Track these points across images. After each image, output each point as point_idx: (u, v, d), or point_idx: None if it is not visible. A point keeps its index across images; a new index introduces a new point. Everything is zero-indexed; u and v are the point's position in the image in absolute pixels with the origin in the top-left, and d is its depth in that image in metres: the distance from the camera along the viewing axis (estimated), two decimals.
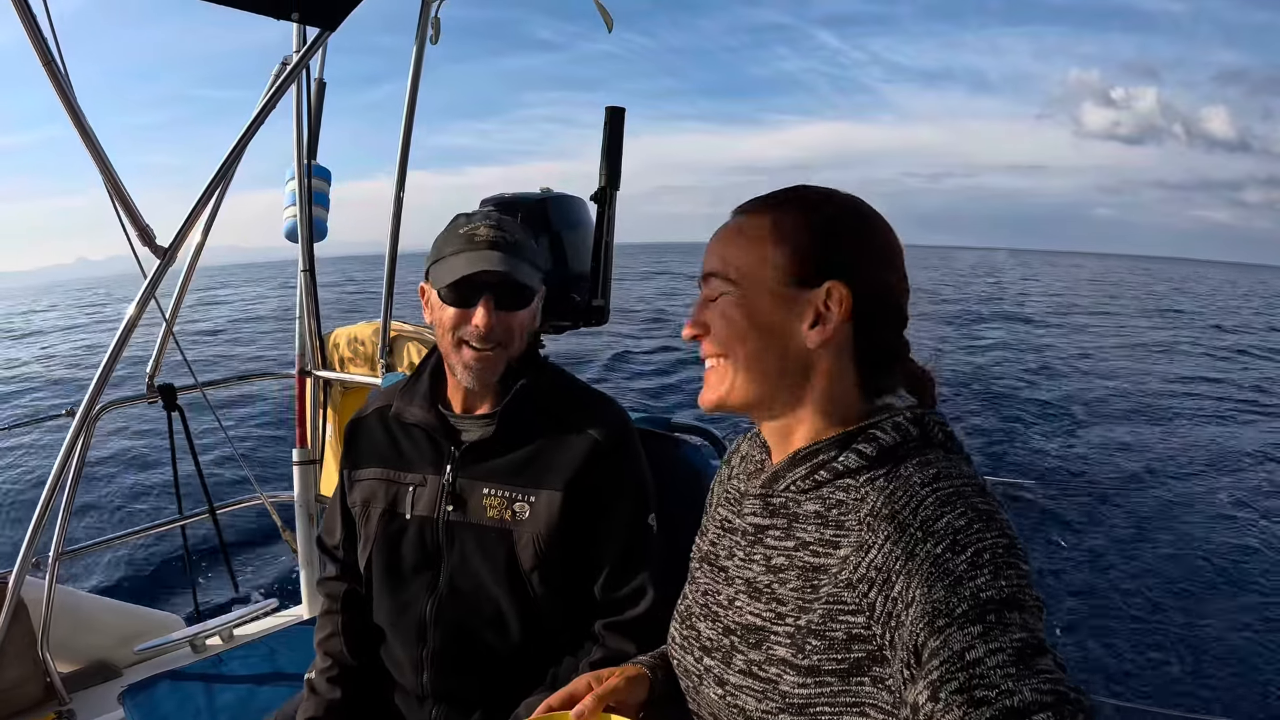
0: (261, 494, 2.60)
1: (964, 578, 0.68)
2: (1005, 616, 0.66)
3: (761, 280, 0.87)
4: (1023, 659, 0.63)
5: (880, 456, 0.82)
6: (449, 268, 1.27)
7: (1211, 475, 8.55)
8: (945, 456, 0.82)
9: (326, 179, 2.59)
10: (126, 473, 8.13)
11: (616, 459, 1.31)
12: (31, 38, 1.51)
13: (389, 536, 1.35)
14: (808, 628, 0.79)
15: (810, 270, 0.86)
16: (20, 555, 1.85)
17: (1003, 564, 0.69)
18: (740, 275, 0.88)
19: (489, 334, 1.26)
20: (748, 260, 0.88)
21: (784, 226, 0.88)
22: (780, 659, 0.81)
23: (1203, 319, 31.14)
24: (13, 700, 1.94)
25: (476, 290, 1.26)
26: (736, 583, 0.91)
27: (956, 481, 0.77)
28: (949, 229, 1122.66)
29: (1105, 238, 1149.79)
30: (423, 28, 2.30)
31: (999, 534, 0.71)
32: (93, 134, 1.66)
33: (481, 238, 1.28)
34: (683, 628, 0.98)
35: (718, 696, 0.87)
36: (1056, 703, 0.60)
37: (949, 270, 68.17)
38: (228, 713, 1.71)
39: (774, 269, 0.87)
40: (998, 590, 0.67)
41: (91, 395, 1.86)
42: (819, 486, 0.86)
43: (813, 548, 0.83)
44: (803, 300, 0.86)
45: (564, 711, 0.92)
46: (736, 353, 0.88)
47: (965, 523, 0.72)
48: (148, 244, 1.81)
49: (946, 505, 0.74)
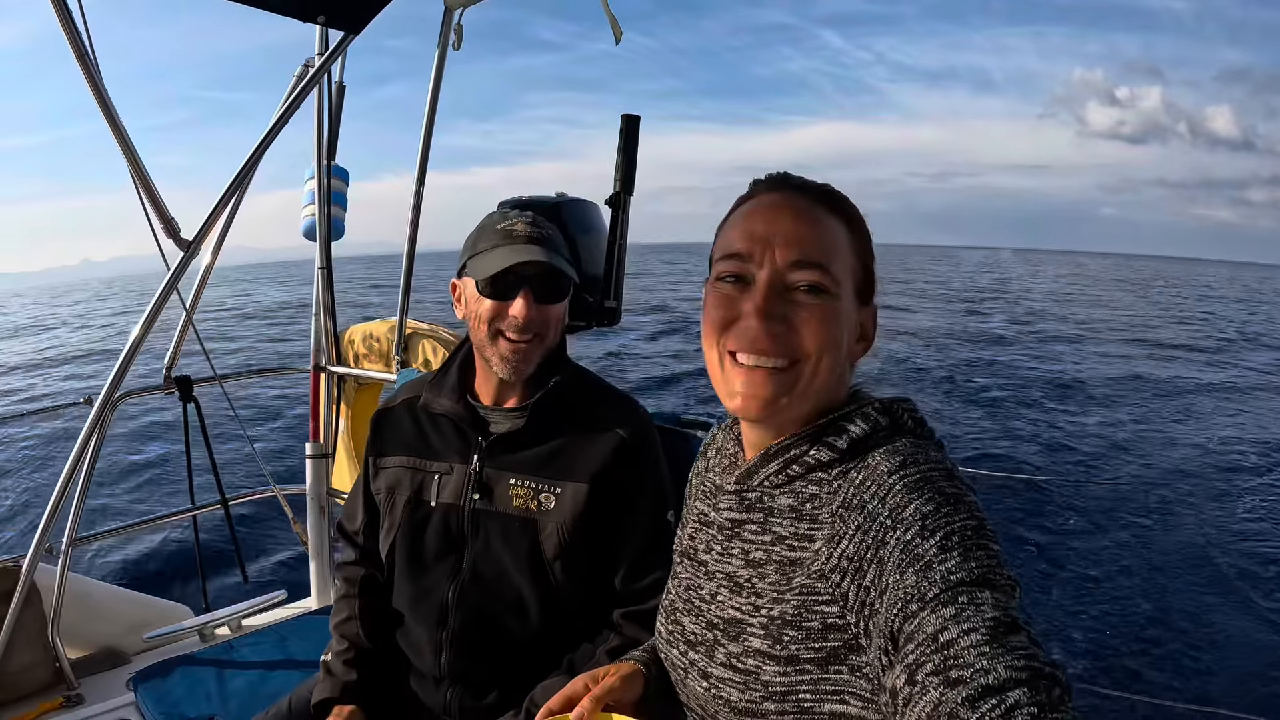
0: (274, 486, 2.63)
1: (934, 561, 0.69)
2: (977, 596, 0.66)
3: (848, 290, 0.86)
4: (996, 637, 0.63)
5: (851, 448, 0.83)
6: (488, 261, 1.30)
7: (1213, 467, 8.57)
8: (914, 443, 0.82)
9: (345, 179, 2.63)
10: (141, 462, 8.21)
11: (640, 457, 1.35)
12: (64, 27, 1.55)
13: (414, 523, 1.38)
14: (782, 618, 0.80)
15: (867, 288, 0.89)
16: (34, 541, 1.88)
17: (972, 545, 0.70)
18: (840, 277, 0.84)
19: (527, 325, 1.30)
20: (839, 262, 0.85)
21: (854, 233, 0.88)
22: (756, 650, 0.82)
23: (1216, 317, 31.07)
24: (22, 684, 1.96)
25: (516, 282, 1.30)
26: (717, 577, 0.92)
27: (924, 467, 0.77)
28: (952, 229, 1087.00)
29: (1109, 237, 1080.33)
30: (445, 34, 2.33)
31: (967, 516, 0.72)
32: (122, 126, 1.69)
33: (519, 232, 1.32)
34: (668, 622, 0.99)
35: (703, 689, 0.88)
36: (1032, 678, 0.61)
37: (954, 269, 68.05)
38: (238, 698, 1.73)
39: (852, 279, 0.86)
40: (968, 571, 0.68)
41: (110, 385, 1.89)
42: (792, 481, 0.87)
43: (788, 542, 0.84)
44: (860, 316, 0.88)
45: (564, 715, 0.93)
46: (819, 364, 0.83)
47: (933, 507, 0.73)
48: (172, 237, 1.85)
49: (914, 491, 0.75)
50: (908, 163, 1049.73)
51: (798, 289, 0.83)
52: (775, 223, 0.85)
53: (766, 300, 0.83)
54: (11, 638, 1.87)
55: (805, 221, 0.85)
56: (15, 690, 1.95)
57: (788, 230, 0.84)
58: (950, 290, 39.24)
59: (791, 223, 0.85)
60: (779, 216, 0.85)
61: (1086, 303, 36.05)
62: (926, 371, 14.35)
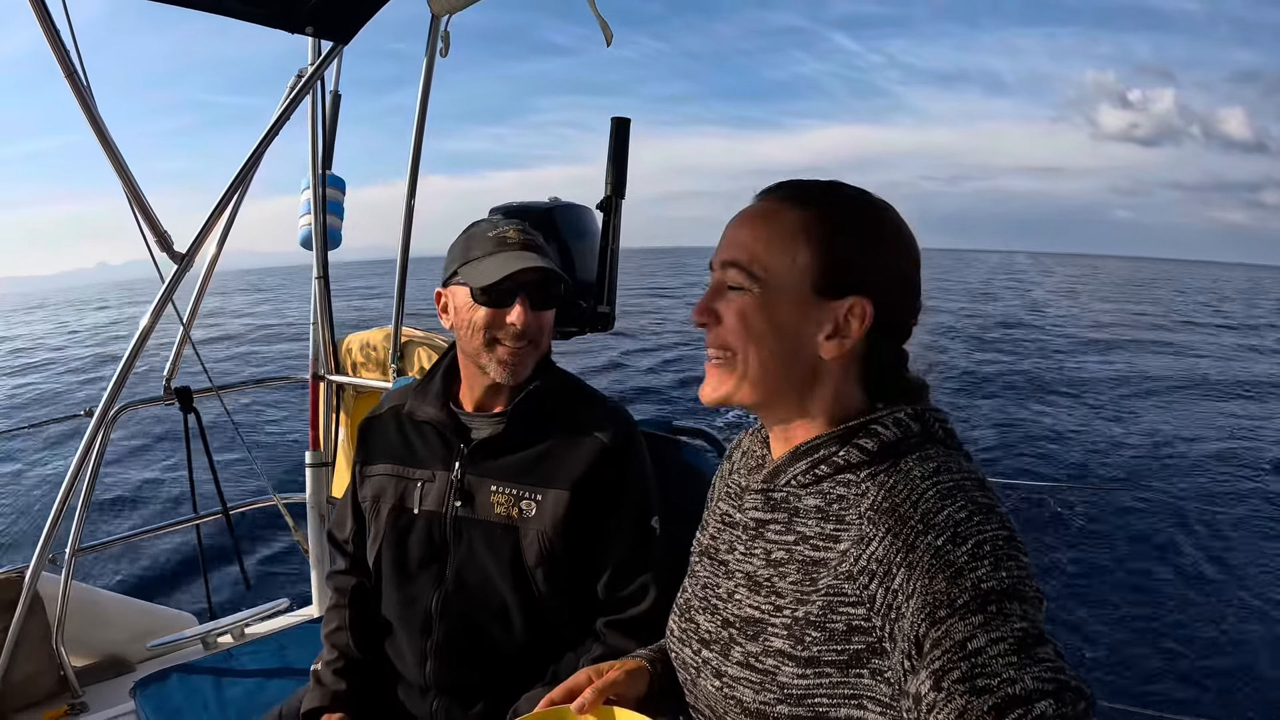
0: (274, 495, 2.64)
1: (965, 569, 0.69)
2: (1006, 607, 0.66)
3: (786, 283, 0.84)
4: (1024, 648, 0.64)
5: (881, 452, 0.82)
6: (484, 268, 1.30)
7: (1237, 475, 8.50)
8: (945, 452, 0.82)
9: (341, 188, 2.64)
10: (142, 473, 8.23)
11: (623, 462, 1.34)
12: (53, 45, 1.56)
13: (398, 531, 1.38)
14: (805, 619, 0.80)
15: (837, 281, 0.83)
16: (37, 551, 1.89)
17: (1003, 555, 0.70)
18: (766, 273, 0.84)
19: (525, 331, 1.30)
20: (775, 257, 0.84)
21: (818, 228, 0.84)
22: (777, 650, 0.81)
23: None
24: (27, 692, 1.98)
25: (513, 289, 1.30)
26: (737, 576, 0.91)
27: (957, 475, 0.77)
28: (967, 232, 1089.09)
29: (1123, 240, 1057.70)
30: (433, 41, 2.34)
31: (999, 526, 0.72)
32: (112, 142, 1.71)
33: (513, 239, 1.32)
34: (681, 620, 0.99)
35: (715, 688, 0.87)
36: (1058, 690, 0.61)
37: (969, 272, 67.77)
38: (236, 706, 1.74)
39: (801, 272, 0.84)
40: (998, 581, 0.68)
41: (109, 396, 1.91)
42: (819, 481, 0.86)
43: (813, 541, 0.83)
44: (824, 310, 0.84)
45: (564, 705, 0.93)
46: (747, 354, 0.86)
47: (965, 515, 0.72)
48: (165, 250, 1.86)
49: (947, 498, 0.74)
50: (922, 166, 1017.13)
51: (729, 288, 0.87)
52: (727, 232, 0.89)
53: (703, 300, 0.89)
54: (16, 646, 1.89)
55: (749, 224, 0.88)
56: (21, 698, 1.97)
57: (730, 235, 0.88)
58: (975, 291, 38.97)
59: (735, 228, 0.88)
60: (732, 225, 0.89)
61: (1104, 304, 35.81)
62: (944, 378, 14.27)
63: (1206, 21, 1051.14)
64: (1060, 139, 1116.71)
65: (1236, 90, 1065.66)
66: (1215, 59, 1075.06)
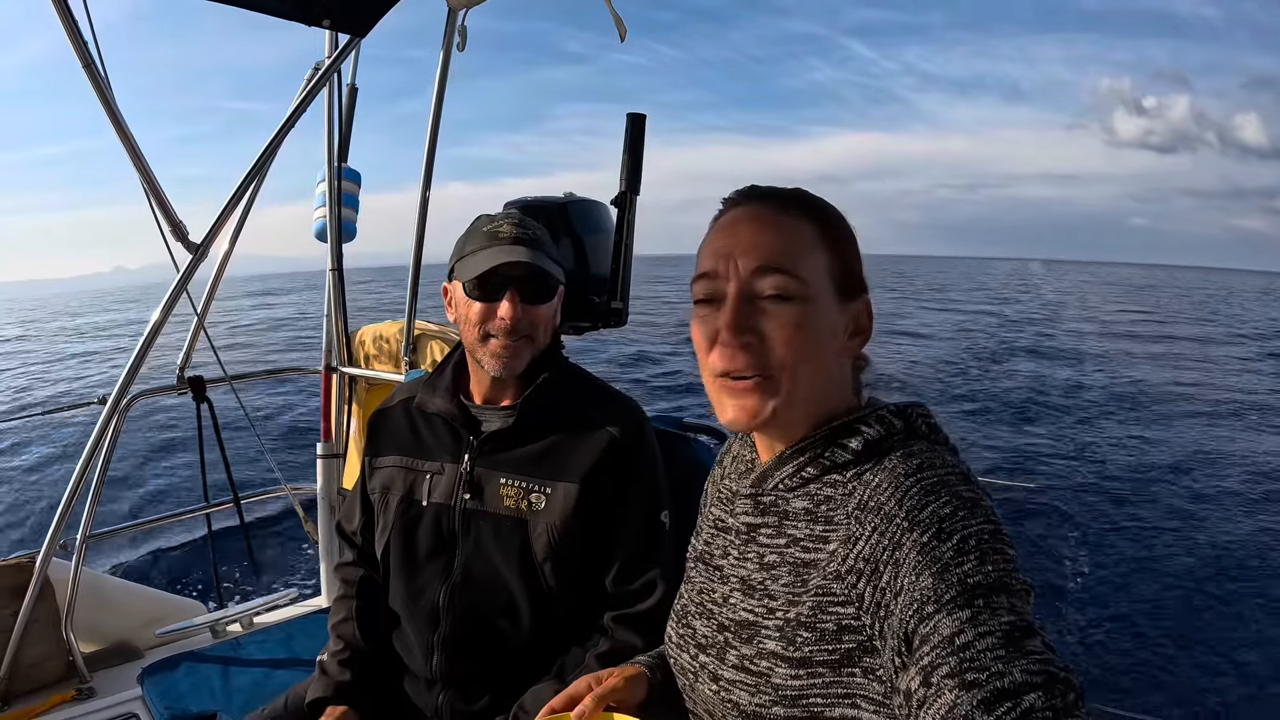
0: (285, 486, 2.65)
1: (951, 564, 0.69)
2: (993, 600, 0.67)
3: (824, 288, 0.84)
4: (1012, 641, 0.64)
5: (865, 451, 0.83)
6: (474, 263, 1.31)
7: (1234, 481, 8.42)
8: (929, 447, 0.82)
9: (356, 182, 2.65)
10: (155, 461, 8.30)
11: (632, 456, 1.34)
12: (73, 42, 1.57)
13: (406, 523, 1.38)
14: (797, 620, 0.80)
15: (854, 282, 0.87)
16: (48, 537, 1.91)
17: (989, 549, 0.70)
18: (810, 278, 0.83)
19: (515, 326, 1.30)
20: (808, 262, 0.83)
21: (829, 230, 0.86)
22: (770, 652, 0.81)
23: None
24: (35, 676, 1.99)
25: (502, 284, 1.30)
26: (731, 581, 0.92)
27: (940, 471, 0.77)
28: (983, 240, 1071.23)
29: (1139, 247, 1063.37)
30: (449, 35, 2.34)
31: (984, 520, 0.72)
32: (129, 131, 1.72)
33: (505, 234, 1.32)
34: (679, 626, 0.99)
35: (712, 692, 0.87)
36: (1047, 682, 0.61)
37: (985, 279, 67.53)
38: (242, 694, 1.75)
39: (831, 278, 0.85)
40: (985, 575, 0.68)
41: (122, 385, 1.92)
42: (806, 484, 0.86)
43: (803, 544, 0.83)
44: (847, 312, 0.87)
45: (565, 714, 0.93)
46: (797, 371, 0.82)
47: (950, 510, 0.73)
48: (181, 239, 1.87)
49: (931, 494, 0.75)
50: (938, 174, 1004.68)
51: (766, 298, 0.82)
52: (736, 234, 0.85)
53: (735, 315, 0.82)
54: (26, 631, 1.90)
55: (766, 227, 0.85)
56: (29, 682, 1.98)
57: (748, 239, 0.84)
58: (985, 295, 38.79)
59: (751, 231, 0.85)
60: (739, 228, 0.86)
61: (1112, 312, 35.60)
62: (946, 384, 14.23)
63: (1225, 27, 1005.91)
64: (1076, 146, 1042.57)
65: (1251, 96, 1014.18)
66: (1231, 65, 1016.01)
